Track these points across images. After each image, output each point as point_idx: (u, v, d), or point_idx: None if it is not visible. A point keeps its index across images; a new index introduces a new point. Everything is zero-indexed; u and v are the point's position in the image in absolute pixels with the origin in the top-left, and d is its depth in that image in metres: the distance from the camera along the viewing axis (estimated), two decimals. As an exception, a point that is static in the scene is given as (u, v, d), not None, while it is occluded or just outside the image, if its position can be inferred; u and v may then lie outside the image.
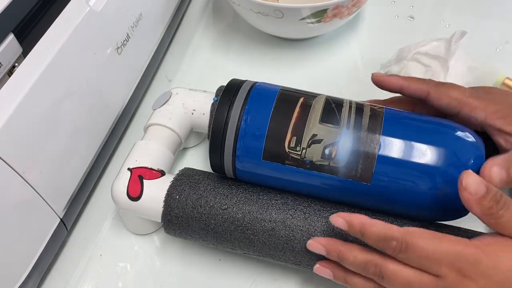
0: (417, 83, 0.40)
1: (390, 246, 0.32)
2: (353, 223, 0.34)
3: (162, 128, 0.45)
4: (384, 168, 0.35)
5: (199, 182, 0.40)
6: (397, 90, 0.41)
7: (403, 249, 0.32)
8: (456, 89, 0.39)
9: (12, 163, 0.33)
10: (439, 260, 0.31)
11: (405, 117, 0.38)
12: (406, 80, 0.40)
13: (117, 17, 0.44)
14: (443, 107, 0.39)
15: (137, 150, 0.43)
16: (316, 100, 0.38)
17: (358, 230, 0.34)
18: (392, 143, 0.36)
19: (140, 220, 0.43)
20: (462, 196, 0.32)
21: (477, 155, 0.36)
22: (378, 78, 0.42)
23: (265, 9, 0.52)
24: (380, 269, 0.33)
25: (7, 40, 0.34)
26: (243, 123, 0.37)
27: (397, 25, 0.62)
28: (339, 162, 0.36)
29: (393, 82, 0.41)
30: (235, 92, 0.39)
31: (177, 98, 0.46)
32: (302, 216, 0.38)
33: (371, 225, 0.33)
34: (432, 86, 0.39)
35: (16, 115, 0.33)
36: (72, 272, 0.43)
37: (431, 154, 0.35)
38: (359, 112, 0.37)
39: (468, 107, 0.38)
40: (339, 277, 0.36)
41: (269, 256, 0.39)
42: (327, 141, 0.36)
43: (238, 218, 0.38)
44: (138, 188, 0.40)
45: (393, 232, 0.33)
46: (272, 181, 0.39)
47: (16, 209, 0.35)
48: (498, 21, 0.62)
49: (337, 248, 0.35)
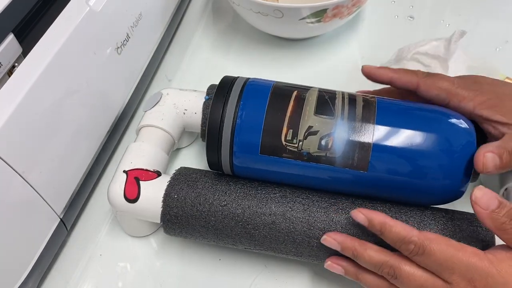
0: (406, 76, 0.40)
1: (407, 249, 0.33)
2: (374, 221, 0.35)
3: (154, 129, 0.44)
4: (380, 156, 0.36)
5: (197, 180, 0.40)
6: (387, 82, 0.42)
7: (419, 253, 0.33)
8: (445, 80, 0.39)
9: (12, 163, 0.33)
10: (452, 268, 0.32)
11: (398, 106, 0.39)
12: (396, 73, 0.41)
13: (117, 17, 0.44)
14: (432, 98, 0.40)
15: (131, 152, 0.43)
16: (310, 93, 0.39)
17: (378, 229, 0.35)
18: (386, 131, 0.36)
19: (138, 222, 0.43)
20: (474, 209, 0.33)
21: (469, 141, 0.37)
22: (368, 70, 0.42)
23: (265, 9, 0.52)
24: (394, 270, 0.34)
25: (7, 40, 0.34)
26: (239, 119, 0.38)
27: (397, 25, 0.62)
28: (336, 152, 0.37)
29: (383, 74, 0.41)
30: (229, 89, 0.39)
31: (168, 99, 0.46)
32: (301, 208, 0.38)
33: (392, 226, 0.34)
34: (422, 78, 0.40)
35: (16, 115, 0.33)
36: (72, 272, 0.43)
37: (424, 140, 0.36)
38: (352, 102, 0.38)
39: (457, 98, 0.38)
40: (351, 273, 0.37)
41: (271, 249, 0.39)
42: (323, 132, 0.37)
43: (238, 214, 0.38)
44: (135, 190, 0.40)
45: (412, 235, 0.33)
46: (270, 175, 0.39)
47: (16, 209, 0.35)
48: (497, 21, 0.62)
49: (352, 246, 0.36)
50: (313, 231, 0.38)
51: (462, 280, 0.32)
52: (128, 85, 0.49)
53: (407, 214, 0.38)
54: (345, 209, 0.38)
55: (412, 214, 0.38)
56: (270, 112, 0.37)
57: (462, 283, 0.32)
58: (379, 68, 0.42)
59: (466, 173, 0.36)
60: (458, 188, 0.37)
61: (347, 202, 0.39)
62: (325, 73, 0.57)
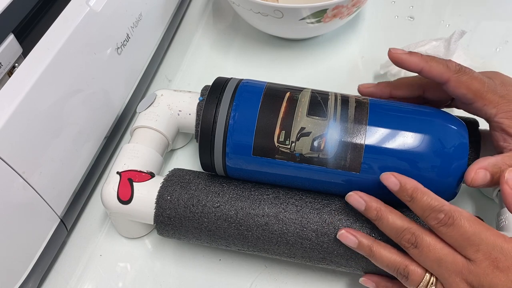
0: (438, 68, 0.38)
1: (436, 217, 0.33)
2: (407, 185, 0.34)
3: (148, 130, 0.44)
4: (372, 157, 0.36)
5: (190, 181, 0.40)
6: (416, 71, 0.39)
7: (448, 223, 0.32)
8: (477, 82, 0.37)
9: (12, 163, 0.33)
10: (478, 245, 0.32)
11: (390, 107, 0.39)
12: (428, 62, 0.38)
13: (117, 17, 0.44)
14: (458, 95, 0.38)
15: (125, 153, 0.42)
16: (302, 94, 0.39)
17: (410, 193, 0.34)
18: (378, 132, 0.36)
19: (131, 224, 0.43)
20: (503, 190, 0.33)
21: (462, 142, 0.37)
22: (397, 56, 0.39)
23: (265, 9, 0.52)
24: (416, 238, 0.34)
25: (7, 40, 0.34)
26: (232, 120, 0.38)
27: (397, 25, 0.62)
28: (328, 153, 0.37)
29: (413, 63, 0.38)
30: (222, 90, 0.39)
31: (162, 100, 0.46)
32: (294, 209, 0.38)
33: (424, 193, 0.34)
34: (453, 73, 0.37)
35: (16, 116, 0.33)
36: (72, 272, 0.43)
37: (416, 142, 0.36)
38: (344, 103, 0.38)
39: (483, 102, 0.37)
40: (364, 245, 0.36)
41: (263, 250, 0.39)
42: (315, 134, 0.37)
43: (231, 215, 0.38)
44: (128, 191, 0.40)
45: (443, 205, 0.33)
46: (263, 176, 0.39)
47: (16, 209, 0.35)
48: (498, 21, 0.62)
49: (378, 206, 0.35)
50: (306, 232, 0.38)
51: (486, 259, 0.32)
52: (128, 85, 0.49)
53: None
54: (338, 210, 0.38)
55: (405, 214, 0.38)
56: (262, 113, 0.38)
57: (484, 263, 0.32)
58: (411, 54, 0.39)
59: (458, 174, 0.36)
60: (451, 189, 0.37)
61: (340, 203, 0.39)
62: (325, 73, 0.57)
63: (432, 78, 0.39)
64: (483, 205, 0.45)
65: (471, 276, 0.32)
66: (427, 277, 0.34)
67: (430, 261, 0.33)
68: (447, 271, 0.33)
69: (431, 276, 0.34)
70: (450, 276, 0.33)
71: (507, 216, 0.39)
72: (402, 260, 0.35)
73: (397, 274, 0.35)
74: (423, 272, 0.34)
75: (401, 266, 0.35)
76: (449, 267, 0.33)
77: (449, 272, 0.33)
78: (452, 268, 0.33)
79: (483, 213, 0.44)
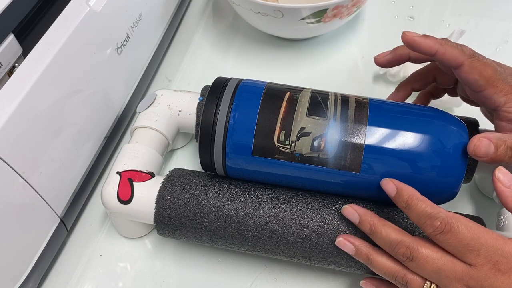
0: (453, 51, 0.37)
1: (432, 224, 0.32)
2: (403, 192, 0.34)
3: (148, 130, 0.44)
4: (372, 157, 0.36)
5: (190, 181, 0.40)
6: (431, 54, 0.38)
7: (445, 231, 0.32)
8: (490, 68, 0.36)
9: (12, 163, 0.33)
10: (478, 250, 0.31)
11: (390, 107, 0.39)
12: (443, 45, 0.37)
13: (117, 17, 0.44)
14: (469, 81, 0.37)
15: (125, 153, 0.42)
16: (302, 94, 0.39)
17: (405, 200, 0.34)
18: (378, 132, 0.36)
19: (131, 223, 0.43)
20: (496, 188, 0.33)
21: (462, 141, 0.36)
22: (411, 39, 0.38)
23: (265, 9, 0.52)
24: (411, 251, 0.33)
25: (7, 40, 0.34)
26: (232, 120, 0.38)
27: (397, 25, 0.62)
28: (328, 153, 0.37)
29: (427, 45, 0.37)
30: (222, 90, 0.39)
31: (162, 100, 0.46)
32: (294, 209, 0.38)
33: (419, 200, 0.33)
34: (467, 58, 0.37)
35: (16, 116, 0.33)
36: (72, 272, 0.43)
37: (416, 141, 0.36)
38: (344, 103, 0.38)
39: (493, 89, 0.36)
40: (362, 253, 0.36)
41: (264, 250, 0.39)
42: (315, 134, 0.37)
43: (231, 215, 0.38)
44: (128, 191, 0.40)
45: (439, 211, 0.33)
46: (263, 176, 0.39)
47: (16, 209, 0.35)
48: (498, 21, 0.62)
49: (371, 220, 0.35)
50: (305, 232, 0.38)
51: (487, 263, 0.31)
52: (128, 85, 0.49)
53: (400, 216, 0.38)
54: (338, 210, 0.38)
55: (405, 216, 0.38)
56: (262, 113, 0.38)
57: (486, 266, 0.31)
58: (426, 37, 0.37)
59: (459, 174, 0.36)
60: (451, 189, 0.37)
61: (340, 203, 0.39)
62: (325, 73, 0.57)
63: (445, 62, 0.37)
64: (483, 205, 0.46)
65: (472, 281, 0.32)
66: (427, 285, 0.33)
67: (428, 272, 0.33)
68: (447, 280, 0.32)
69: (431, 284, 0.33)
70: (451, 284, 0.32)
71: (507, 216, 0.39)
72: (400, 268, 0.34)
73: (396, 282, 0.35)
74: (422, 281, 0.34)
75: (399, 275, 0.34)
76: (449, 275, 0.32)
77: (449, 280, 0.32)
78: (452, 276, 0.32)
79: (483, 213, 0.44)
